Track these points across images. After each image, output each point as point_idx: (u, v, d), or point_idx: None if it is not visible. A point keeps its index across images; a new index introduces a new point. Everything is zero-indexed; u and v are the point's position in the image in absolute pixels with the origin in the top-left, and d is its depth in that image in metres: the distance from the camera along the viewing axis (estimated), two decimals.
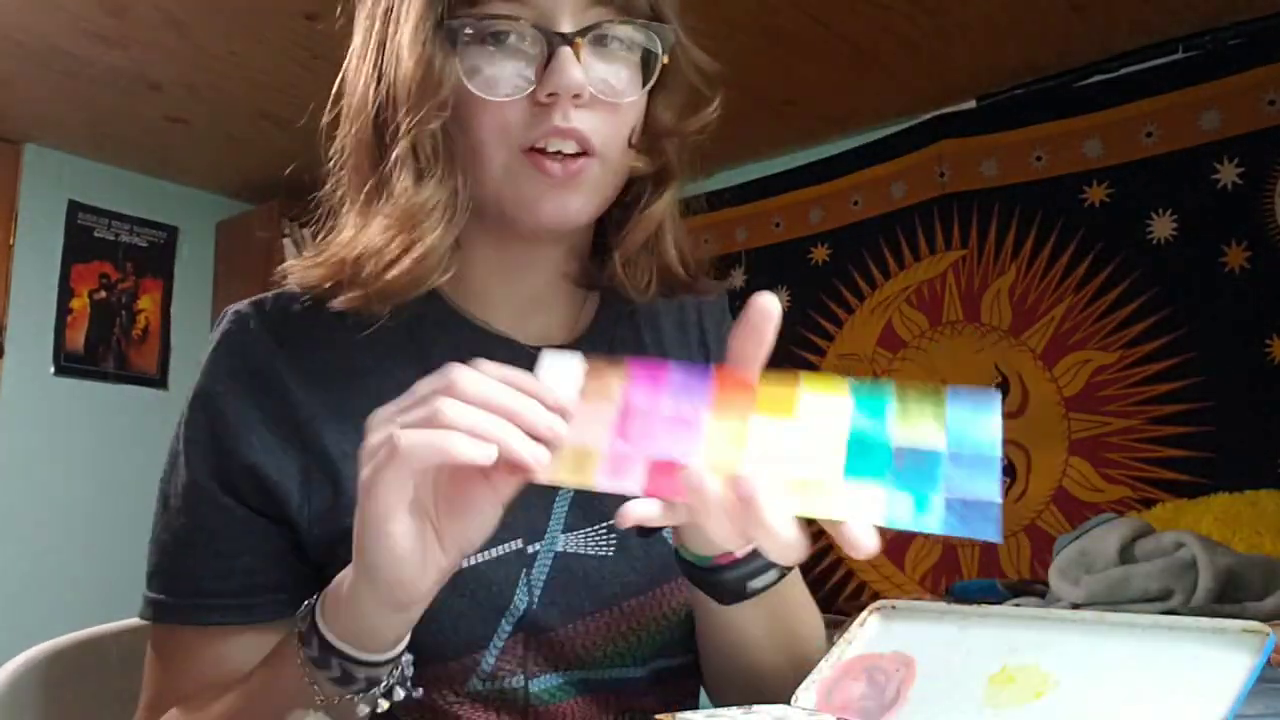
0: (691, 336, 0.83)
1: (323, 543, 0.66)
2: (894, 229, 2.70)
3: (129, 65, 2.50)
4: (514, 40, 0.64)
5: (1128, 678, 0.51)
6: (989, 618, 0.61)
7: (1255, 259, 2.15)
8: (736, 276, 2.98)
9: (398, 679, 0.56)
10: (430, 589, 0.51)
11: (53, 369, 3.10)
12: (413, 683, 0.58)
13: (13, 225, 3.03)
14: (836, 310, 2.81)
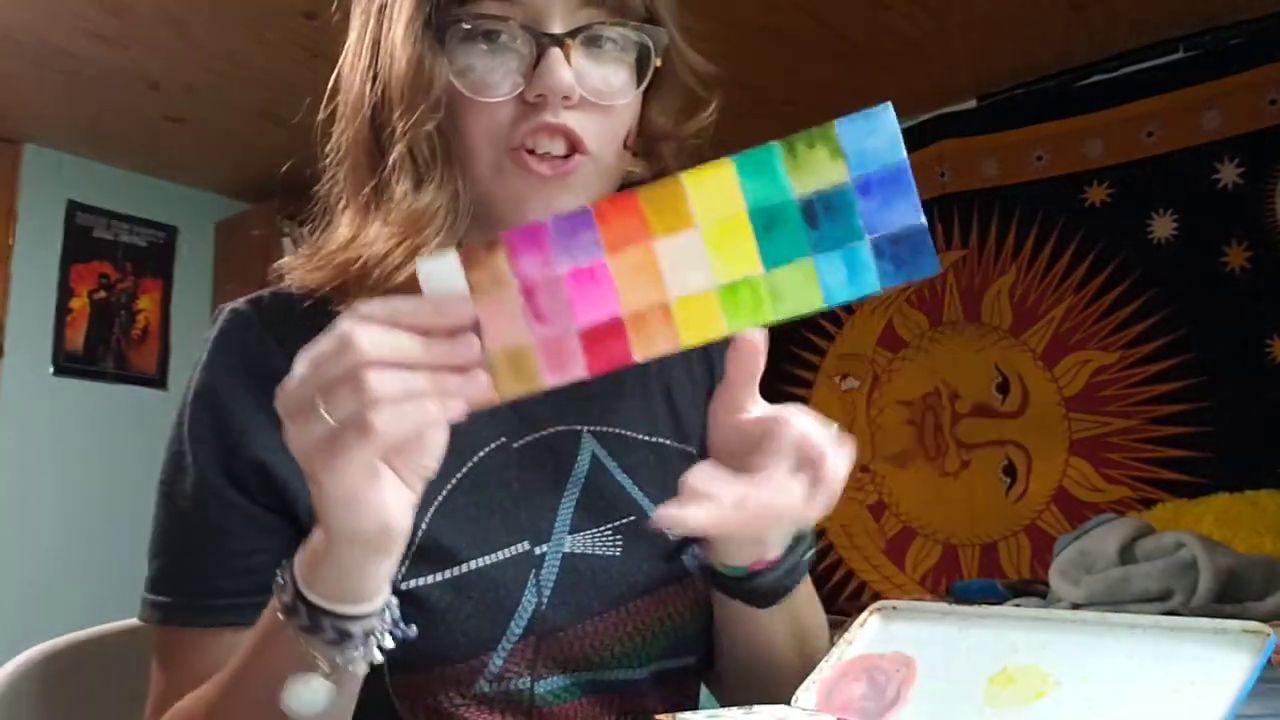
0: None
1: None
2: None
3: (128, 65, 2.50)
4: (504, 40, 0.63)
5: (1128, 678, 0.52)
6: (989, 618, 0.61)
7: (1256, 259, 2.15)
8: None
9: (389, 624, 0.55)
10: (409, 523, 0.50)
11: (52, 369, 3.09)
12: (403, 627, 0.57)
13: (12, 225, 3.03)
14: (837, 310, 2.81)
